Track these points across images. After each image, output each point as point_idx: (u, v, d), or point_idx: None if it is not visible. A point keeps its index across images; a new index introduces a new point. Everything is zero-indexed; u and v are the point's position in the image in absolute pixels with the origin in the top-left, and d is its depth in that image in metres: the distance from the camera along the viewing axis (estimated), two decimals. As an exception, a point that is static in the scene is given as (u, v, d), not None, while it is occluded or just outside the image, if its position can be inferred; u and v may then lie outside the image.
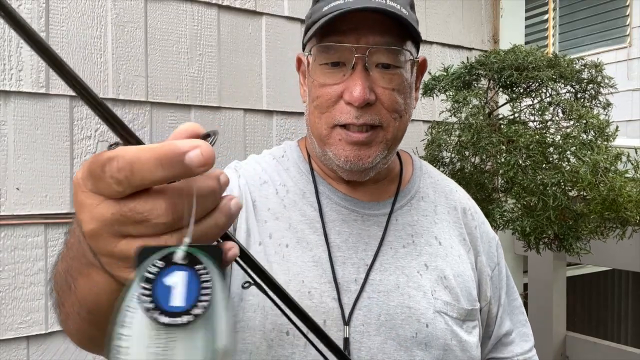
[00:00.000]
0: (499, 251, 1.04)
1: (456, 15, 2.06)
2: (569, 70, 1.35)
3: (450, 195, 1.02)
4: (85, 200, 0.39)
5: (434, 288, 0.88)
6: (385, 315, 0.83)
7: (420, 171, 1.02)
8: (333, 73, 0.83)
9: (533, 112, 1.36)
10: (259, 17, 1.60)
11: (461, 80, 1.48)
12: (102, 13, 1.36)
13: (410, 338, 0.83)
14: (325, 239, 0.86)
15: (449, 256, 0.93)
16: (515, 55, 1.39)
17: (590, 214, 1.25)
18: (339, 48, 0.82)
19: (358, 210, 0.91)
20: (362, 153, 0.83)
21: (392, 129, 0.85)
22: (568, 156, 1.26)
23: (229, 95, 1.55)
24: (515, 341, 1.02)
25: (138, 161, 0.36)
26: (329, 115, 0.84)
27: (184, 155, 0.36)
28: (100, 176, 0.37)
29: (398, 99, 0.84)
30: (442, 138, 1.43)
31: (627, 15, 4.79)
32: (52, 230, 1.28)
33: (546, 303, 2.43)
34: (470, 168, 1.46)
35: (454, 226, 0.97)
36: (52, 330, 1.26)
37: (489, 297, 0.98)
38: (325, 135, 0.85)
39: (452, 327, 0.86)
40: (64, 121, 1.30)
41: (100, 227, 0.39)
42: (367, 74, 0.81)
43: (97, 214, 0.39)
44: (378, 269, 0.86)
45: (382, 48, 0.81)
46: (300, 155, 0.97)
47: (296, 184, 0.93)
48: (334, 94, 0.83)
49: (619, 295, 4.13)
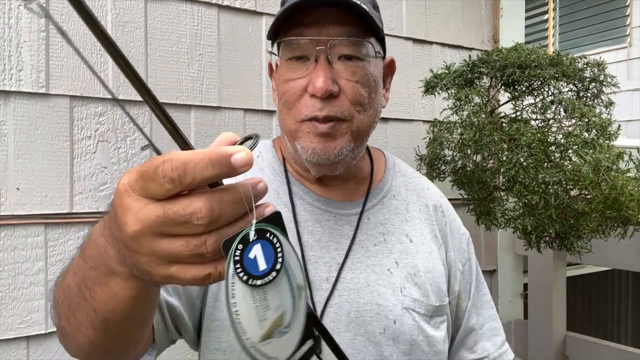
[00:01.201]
0: (469, 247, 1.06)
1: (456, 15, 2.06)
2: (572, 68, 1.35)
3: (422, 193, 1.04)
4: (131, 203, 0.43)
5: (403, 285, 0.90)
6: (355, 312, 0.86)
7: (393, 169, 1.04)
8: (297, 68, 0.85)
9: (535, 110, 1.36)
10: (259, 17, 1.60)
11: (463, 78, 1.48)
12: (102, 13, 1.35)
13: (379, 334, 0.86)
14: (298, 238, 0.88)
15: (420, 253, 0.95)
16: (517, 54, 1.39)
17: (591, 213, 1.25)
18: (301, 42, 0.83)
19: (330, 210, 0.93)
20: (329, 145, 0.84)
21: (356, 121, 0.86)
22: (570, 155, 1.26)
23: (229, 95, 1.54)
24: (485, 335, 1.03)
25: (191, 161, 0.41)
26: (295, 110, 0.85)
27: (230, 156, 0.41)
28: (152, 177, 0.41)
29: (362, 91, 0.85)
30: (443, 136, 1.43)
31: (627, 15, 4.79)
32: (52, 230, 1.28)
33: (546, 303, 2.43)
34: (472, 166, 1.46)
35: (425, 223, 1.00)
36: (52, 330, 1.26)
37: (457, 292, 1.01)
38: (294, 130, 0.86)
39: (420, 323, 0.89)
40: (64, 121, 1.30)
41: (144, 228, 0.43)
42: (330, 66, 0.82)
43: (142, 216, 0.43)
44: (349, 267, 0.89)
45: (345, 39, 0.82)
46: (275, 156, 0.98)
47: (270, 185, 0.94)
48: (299, 88, 0.84)
49: (619, 295, 4.13)
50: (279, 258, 0.45)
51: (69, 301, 0.60)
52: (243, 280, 0.43)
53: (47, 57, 1.28)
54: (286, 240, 0.46)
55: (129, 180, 0.43)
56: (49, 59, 1.28)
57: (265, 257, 0.44)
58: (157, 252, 0.44)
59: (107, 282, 0.52)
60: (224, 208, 0.43)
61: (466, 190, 1.53)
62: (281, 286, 0.45)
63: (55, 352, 1.27)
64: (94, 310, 0.56)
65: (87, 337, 0.60)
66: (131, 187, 0.43)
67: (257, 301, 0.44)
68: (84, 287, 0.56)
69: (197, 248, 0.43)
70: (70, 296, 0.59)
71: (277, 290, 0.45)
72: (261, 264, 0.44)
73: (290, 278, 0.46)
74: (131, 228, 0.44)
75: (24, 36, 1.25)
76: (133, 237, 0.44)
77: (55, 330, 1.26)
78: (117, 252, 0.49)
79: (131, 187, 0.43)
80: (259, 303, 0.44)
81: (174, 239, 0.43)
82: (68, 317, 0.61)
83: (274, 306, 0.45)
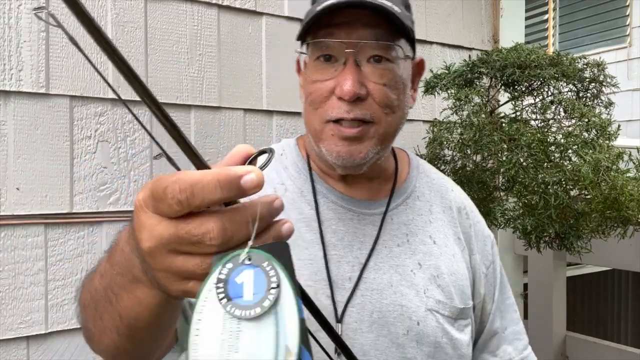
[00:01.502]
0: (493, 249, 1.05)
1: (456, 15, 2.06)
2: (571, 68, 1.35)
3: (445, 195, 1.03)
4: (146, 220, 0.43)
5: (426, 287, 0.89)
6: (377, 312, 0.85)
7: (417, 170, 1.03)
8: (325, 69, 0.84)
9: (535, 110, 1.36)
10: (259, 17, 1.60)
11: (463, 78, 1.48)
12: (102, 13, 1.36)
13: (402, 335, 0.85)
14: (321, 237, 0.87)
15: (443, 255, 0.94)
16: (517, 54, 1.39)
17: (591, 213, 1.25)
18: (330, 42, 0.83)
19: (354, 209, 0.92)
20: (354, 148, 0.84)
21: (384, 124, 0.85)
22: (569, 155, 1.26)
23: (229, 95, 1.54)
24: (508, 339, 1.03)
25: (199, 183, 0.40)
26: (321, 110, 0.85)
27: (240, 178, 0.40)
28: (162, 197, 0.41)
29: (390, 94, 0.84)
30: (443, 136, 1.43)
31: (627, 15, 4.79)
32: (52, 230, 1.28)
33: (546, 303, 2.43)
34: (472, 166, 1.46)
35: (448, 225, 0.98)
36: (52, 330, 1.26)
37: (482, 295, 0.99)
38: (319, 131, 0.86)
39: (444, 325, 0.88)
40: (64, 121, 1.30)
41: (158, 245, 0.43)
42: (358, 68, 0.82)
43: (156, 233, 0.43)
44: (372, 267, 0.88)
45: (373, 43, 0.82)
46: (299, 154, 0.98)
47: (294, 183, 0.94)
48: (326, 89, 0.84)
49: (619, 295, 4.13)
50: (270, 294, 0.37)
51: (96, 304, 0.61)
52: (219, 299, 0.38)
53: (47, 57, 1.28)
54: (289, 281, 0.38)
55: (143, 197, 0.44)
56: (49, 59, 1.28)
57: (254, 287, 0.38)
58: (173, 269, 0.44)
59: (133, 289, 0.52)
60: (237, 228, 0.42)
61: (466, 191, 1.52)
62: (263, 333, 0.37)
63: (55, 352, 1.27)
64: (119, 315, 0.56)
65: (112, 341, 0.61)
66: (145, 204, 0.43)
67: (225, 333, 0.37)
68: (111, 291, 0.56)
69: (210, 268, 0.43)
70: (97, 299, 0.60)
71: (256, 335, 0.37)
72: (247, 294, 0.38)
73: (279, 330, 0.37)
74: (145, 244, 0.44)
75: (24, 36, 1.25)
76: (148, 253, 0.44)
77: (55, 331, 1.26)
78: (141, 262, 0.49)
79: (145, 204, 0.43)
80: (227, 337, 0.37)
81: (189, 257, 0.43)
82: (95, 319, 0.62)
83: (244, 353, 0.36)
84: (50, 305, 1.27)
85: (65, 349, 1.28)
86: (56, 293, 1.28)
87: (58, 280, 1.28)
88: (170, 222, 0.42)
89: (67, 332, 1.29)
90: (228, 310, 0.37)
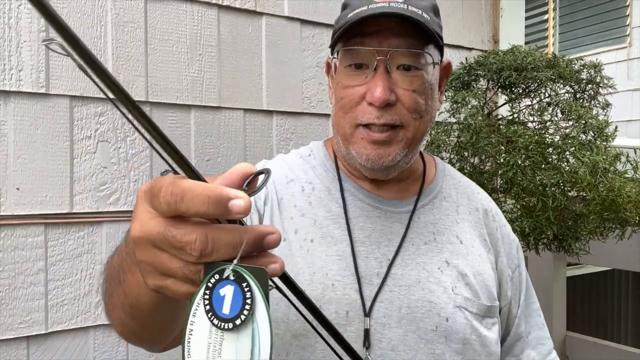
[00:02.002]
0: (519, 254, 1.06)
1: (456, 15, 2.06)
2: (568, 70, 1.35)
3: (472, 197, 1.04)
4: (142, 212, 0.46)
5: (454, 284, 0.90)
6: (406, 308, 0.86)
7: (443, 172, 1.05)
8: (356, 75, 0.87)
9: (532, 112, 1.36)
10: (259, 17, 1.60)
11: (460, 80, 1.48)
12: (102, 13, 1.36)
13: (431, 331, 0.86)
14: (348, 234, 0.90)
15: (470, 255, 0.95)
16: (514, 56, 1.39)
17: (589, 215, 1.25)
18: (362, 51, 0.85)
19: (381, 207, 0.94)
20: (383, 152, 0.87)
21: (412, 129, 0.88)
22: (567, 157, 1.26)
23: (229, 95, 1.55)
24: (531, 343, 1.03)
25: (190, 192, 0.42)
26: (352, 115, 0.88)
27: (229, 200, 0.42)
28: (156, 194, 0.44)
29: (419, 99, 0.87)
30: (441, 139, 1.43)
31: (627, 15, 4.79)
32: (52, 230, 1.29)
33: (546, 303, 2.43)
34: (470, 169, 1.46)
35: (475, 226, 1.00)
36: (52, 330, 1.27)
37: (510, 297, 1.00)
38: (349, 135, 0.89)
39: (472, 322, 0.89)
40: (64, 121, 1.30)
41: (144, 238, 0.45)
42: (388, 75, 0.85)
43: (146, 227, 0.45)
44: (400, 264, 0.89)
45: (404, 51, 0.85)
46: (327, 154, 1.01)
47: (322, 182, 0.96)
48: (357, 95, 0.87)
49: (619, 295, 4.13)
50: (243, 314, 0.41)
51: (112, 280, 0.65)
52: (204, 306, 0.42)
53: (47, 57, 1.28)
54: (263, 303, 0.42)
55: (144, 189, 0.46)
56: (49, 59, 1.28)
57: (232, 303, 0.42)
58: (155, 264, 0.46)
59: (134, 271, 0.54)
60: (218, 247, 0.43)
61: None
62: (240, 346, 0.42)
63: (55, 352, 1.27)
64: (124, 292, 0.60)
65: (119, 317, 0.65)
66: (145, 195, 0.46)
67: (212, 338, 0.42)
68: (121, 270, 0.60)
69: (191, 274, 0.45)
70: (113, 275, 0.64)
71: (234, 345, 0.41)
72: (226, 307, 0.42)
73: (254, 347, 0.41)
74: (134, 233, 0.46)
75: (24, 36, 1.25)
76: (136, 242, 0.47)
77: (55, 331, 1.27)
78: None
79: (145, 196, 0.46)
80: (212, 341, 0.42)
81: (173, 258, 0.45)
82: (109, 294, 0.67)
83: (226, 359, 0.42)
84: (50, 305, 1.27)
85: (65, 349, 1.28)
86: (56, 293, 1.28)
87: (58, 280, 1.29)
88: (162, 220, 0.44)
89: (67, 332, 1.29)
90: (209, 318, 0.42)
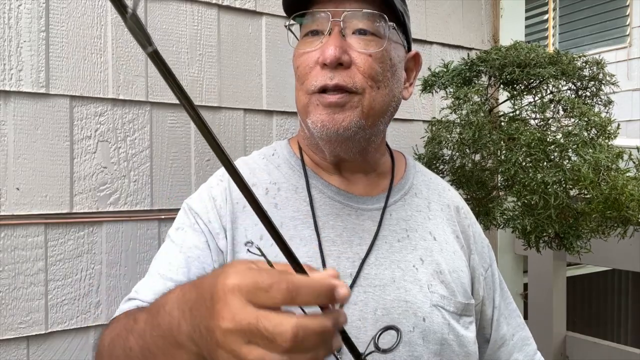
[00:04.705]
0: (490, 253, 1.04)
1: (456, 15, 2.06)
2: (571, 67, 1.35)
3: (443, 193, 1.02)
4: (235, 303, 0.46)
5: (430, 282, 0.87)
6: (382, 309, 0.83)
7: (414, 169, 1.03)
8: (312, 42, 0.86)
9: (534, 109, 1.35)
10: (259, 17, 1.60)
11: (461, 76, 1.48)
12: (102, 13, 1.36)
13: (408, 332, 0.82)
14: (316, 233, 0.86)
15: (444, 251, 0.92)
16: (516, 52, 1.38)
17: (591, 213, 1.24)
18: (315, 16, 0.84)
19: (352, 204, 0.91)
20: (337, 117, 0.82)
21: (368, 97, 0.84)
22: (569, 154, 1.26)
23: (229, 95, 1.54)
24: (517, 346, 1.01)
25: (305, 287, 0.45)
26: (307, 82, 0.85)
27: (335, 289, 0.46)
28: (267, 289, 0.45)
29: (375, 65, 0.83)
30: (442, 135, 1.43)
31: (627, 15, 4.79)
32: (52, 230, 1.28)
33: (546, 303, 2.43)
34: (471, 165, 1.46)
35: (447, 223, 0.97)
36: (52, 330, 1.26)
37: (482, 297, 0.98)
38: (306, 104, 0.86)
39: (449, 321, 0.86)
40: (64, 121, 1.30)
41: (236, 329, 0.46)
42: (343, 38, 0.83)
43: (239, 318, 0.46)
44: (373, 263, 0.86)
45: (357, 12, 0.82)
46: (291, 151, 0.97)
47: (288, 180, 0.92)
48: (311, 60, 0.85)
49: (619, 295, 4.13)
50: None
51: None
52: None
53: (47, 57, 1.28)
54: None
55: (240, 283, 0.46)
56: (49, 59, 1.28)
57: None
58: (238, 354, 0.46)
59: (173, 353, 0.54)
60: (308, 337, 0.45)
61: (465, 190, 1.52)
62: None
63: (55, 352, 1.27)
64: None
65: None
66: (240, 290, 0.46)
67: None
68: (148, 352, 0.59)
69: None
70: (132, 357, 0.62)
71: None
72: None
73: None
74: (225, 324, 0.46)
75: (24, 36, 1.25)
76: (224, 332, 0.47)
77: (55, 331, 1.26)
78: (193, 331, 0.51)
79: (240, 290, 0.46)
80: None
81: (254, 347, 0.45)
82: None
83: None
84: (50, 305, 1.27)
85: (65, 349, 1.28)
86: (56, 293, 1.28)
87: (58, 280, 1.28)
88: (255, 309, 0.45)
89: (67, 332, 1.29)
90: None
